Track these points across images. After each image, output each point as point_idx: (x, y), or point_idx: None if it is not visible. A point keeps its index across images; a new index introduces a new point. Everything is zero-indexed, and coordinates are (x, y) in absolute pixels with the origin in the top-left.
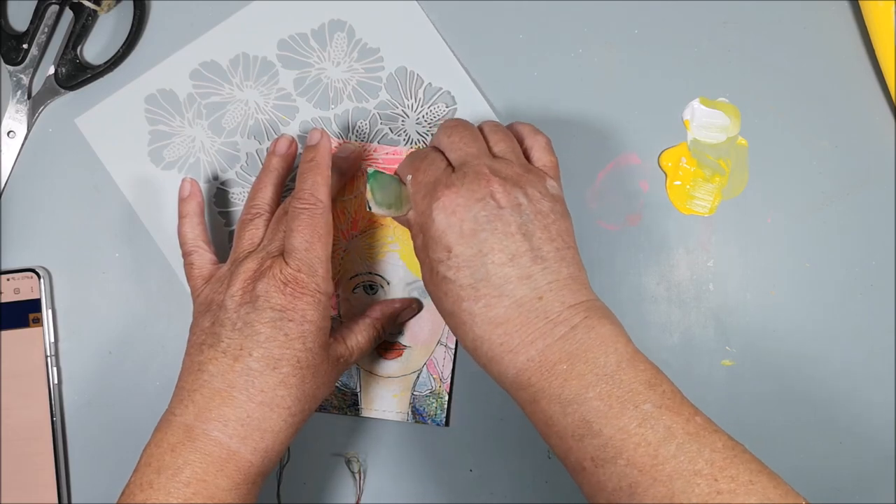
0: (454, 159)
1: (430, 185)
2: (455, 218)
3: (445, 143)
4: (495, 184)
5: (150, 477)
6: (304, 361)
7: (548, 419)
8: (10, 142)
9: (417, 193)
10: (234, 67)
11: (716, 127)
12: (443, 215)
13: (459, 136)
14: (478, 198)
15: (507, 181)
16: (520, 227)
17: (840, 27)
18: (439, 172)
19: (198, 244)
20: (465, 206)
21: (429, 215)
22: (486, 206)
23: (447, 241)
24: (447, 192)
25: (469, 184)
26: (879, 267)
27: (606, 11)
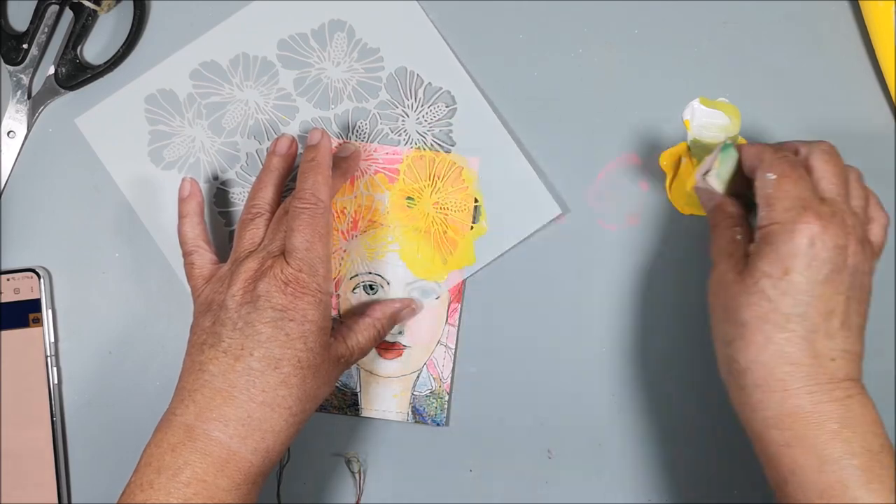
0: (824, 189)
1: (800, 202)
2: (813, 250)
3: (820, 168)
4: (853, 241)
5: (150, 477)
6: (305, 361)
7: (797, 468)
8: (10, 142)
9: (780, 199)
10: (234, 67)
11: (716, 127)
12: (806, 240)
13: (836, 169)
14: (837, 245)
15: (859, 245)
16: (847, 289)
17: (840, 27)
18: (810, 195)
19: (198, 244)
20: (825, 246)
21: (789, 230)
22: (838, 256)
23: (790, 263)
24: (819, 221)
25: (837, 227)
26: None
27: (606, 11)
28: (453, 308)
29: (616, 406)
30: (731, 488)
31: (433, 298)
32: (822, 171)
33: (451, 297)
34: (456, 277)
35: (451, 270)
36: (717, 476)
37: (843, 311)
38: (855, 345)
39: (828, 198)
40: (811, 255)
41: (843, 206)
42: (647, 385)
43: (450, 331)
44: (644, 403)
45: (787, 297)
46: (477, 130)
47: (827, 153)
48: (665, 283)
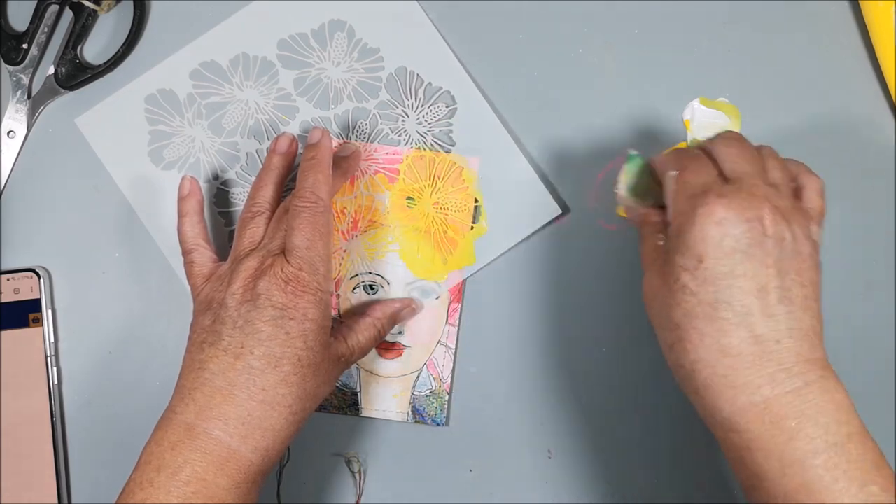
0: (729, 170)
1: (698, 188)
2: (718, 230)
3: (723, 152)
4: (767, 209)
5: (150, 475)
6: (305, 360)
7: (760, 473)
8: (10, 142)
9: (682, 193)
10: (234, 67)
11: (716, 127)
12: (707, 222)
13: (739, 149)
14: (747, 217)
15: (779, 211)
16: (776, 261)
17: (840, 27)
18: (711, 178)
19: (198, 242)
20: (733, 222)
21: (691, 218)
22: (753, 228)
23: (701, 250)
24: (718, 202)
25: (742, 200)
26: (879, 267)
27: (606, 11)
28: (453, 308)
29: (616, 406)
30: (731, 488)
31: (433, 298)
32: (723, 154)
33: (451, 297)
34: (456, 277)
35: (451, 270)
36: (718, 476)
37: (778, 286)
38: (803, 319)
39: (733, 178)
40: (719, 235)
41: (751, 181)
42: (646, 385)
43: (450, 331)
44: (644, 403)
45: (708, 284)
46: (477, 130)
47: (727, 138)
48: None
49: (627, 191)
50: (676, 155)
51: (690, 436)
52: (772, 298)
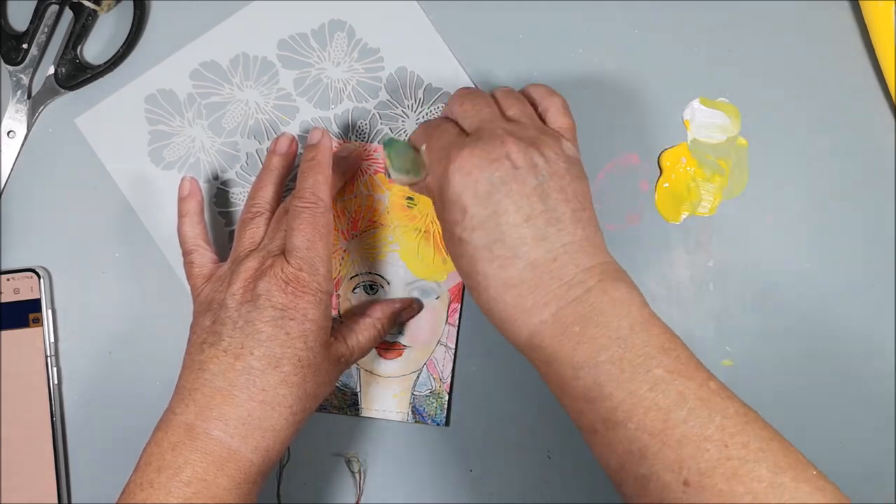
0: (468, 126)
1: (444, 150)
2: (470, 179)
3: (458, 112)
4: (511, 144)
5: (150, 476)
6: (306, 360)
7: (560, 381)
8: (10, 142)
9: (434, 160)
10: (234, 67)
11: (716, 127)
12: (458, 176)
13: (472, 103)
14: (493, 158)
15: (523, 141)
16: (535, 188)
17: (840, 27)
18: (453, 137)
19: (198, 243)
20: (480, 167)
21: (445, 177)
22: (502, 166)
23: (462, 202)
24: (462, 153)
25: (484, 144)
26: (879, 267)
27: (606, 11)
28: (453, 308)
29: None
30: None
31: (433, 298)
32: (460, 112)
33: (451, 297)
34: (456, 277)
35: (451, 270)
36: None
37: (543, 210)
38: (574, 232)
39: (472, 129)
40: (472, 183)
41: (489, 125)
42: None
43: (450, 331)
44: None
45: (477, 230)
46: None
47: (458, 96)
48: (665, 283)
49: (397, 171)
50: (422, 127)
51: None
52: (539, 223)
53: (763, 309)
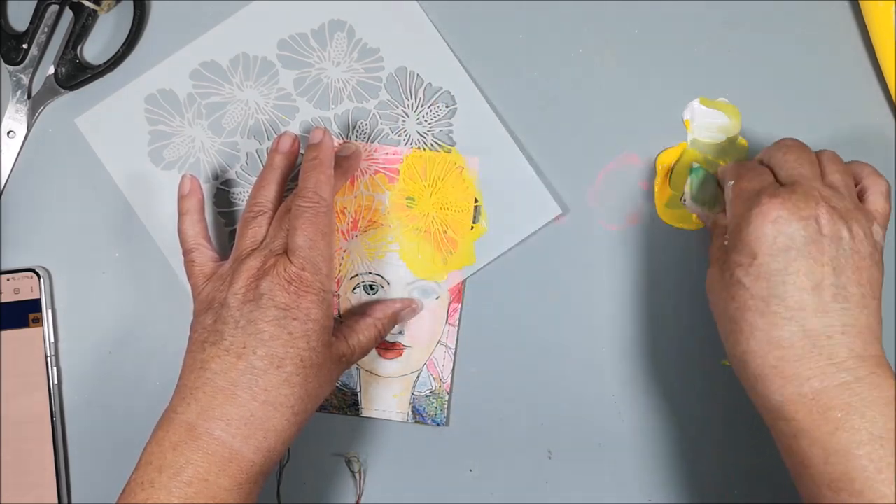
0: (784, 175)
1: (754, 193)
2: (772, 227)
3: (778, 159)
4: (823, 208)
5: (151, 475)
6: (308, 360)
7: (805, 460)
8: (10, 142)
9: (738, 198)
10: (234, 67)
11: (716, 127)
12: (760, 220)
13: (796, 155)
14: (802, 216)
15: (836, 211)
16: (832, 259)
17: (840, 27)
18: (766, 183)
19: (199, 241)
20: (786, 220)
21: (746, 218)
22: (808, 227)
23: (755, 247)
24: (772, 201)
25: (797, 200)
26: None
27: (606, 11)
28: (453, 308)
29: (616, 406)
30: (730, 488)
31: (433, 298)
32: (780, 161)
33: (451, 297)
34: (456, 277)
35: (451, 270)
36: (717, 476)
37: (833, 283)
38: (858, 317)
39: (789, 182)
40: (774, 233)
41: (808, 182)
42: (647, 385)
43: (450, 331)
44: (644, 403)
45: (761, 280)
46: (477, 130)
47: (785, 146)
48: (665, 284)
49: (692, 200)
50: (735, 165)
51: (692, 436)
52: (826, 295)
53: None
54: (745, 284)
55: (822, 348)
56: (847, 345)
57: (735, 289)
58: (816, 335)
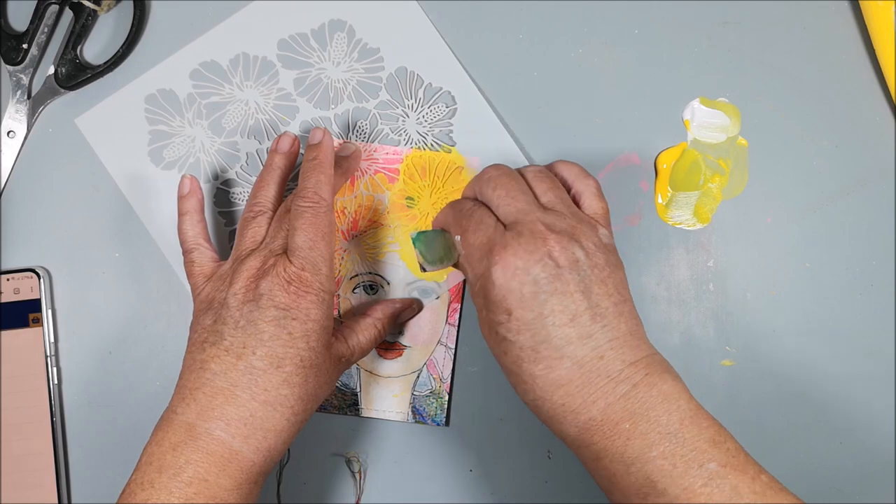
0: (503, 215)
1: (484, 247)
2: (515, 282)
3: (490, 197)
4: (552, 241)
5: (151, 476)
6: (308, 360)
7: (611, 476)
8: (10, 142)
9: (472, 255)
10: (234, 67)
11: (716, 127)
12: (502, 279)
13: (505, 189)
14: (536, 259)
15: (563, 236)
16: (578, 284)
17: (840, 27)
18: (491, 231)
19: (198, 242)
20: (525, 269)
21: (489, 278)
22: (546, 266)
23: (507, 304)
24: (504, 254)
25: (525, 244)
26: (879, 267)
27: (606, 11)
28: (453, 308)
29: None
30: None
31: (433, 298)
32: (492, 199)
33: (451, 297)
34: (456, 277)
35: (452, 270)
36: None
37: (587, 307)
38: (619, 327)
39: (510, 221)
40: (516, 286)
41: (529, 217)
42: None
43: (450, 331)
44: None
45: (524, 331)
46: (477, 130)
47: (490, 180)
48: (665, 283)
49: (430, 263)
50: (454, 215)
51: None
52: (584, 320)
53: (763, 309)
54: (511, 339)
55: (598, 370)
56: (618, 357)
57: (504, 345)
58: (589, 361)
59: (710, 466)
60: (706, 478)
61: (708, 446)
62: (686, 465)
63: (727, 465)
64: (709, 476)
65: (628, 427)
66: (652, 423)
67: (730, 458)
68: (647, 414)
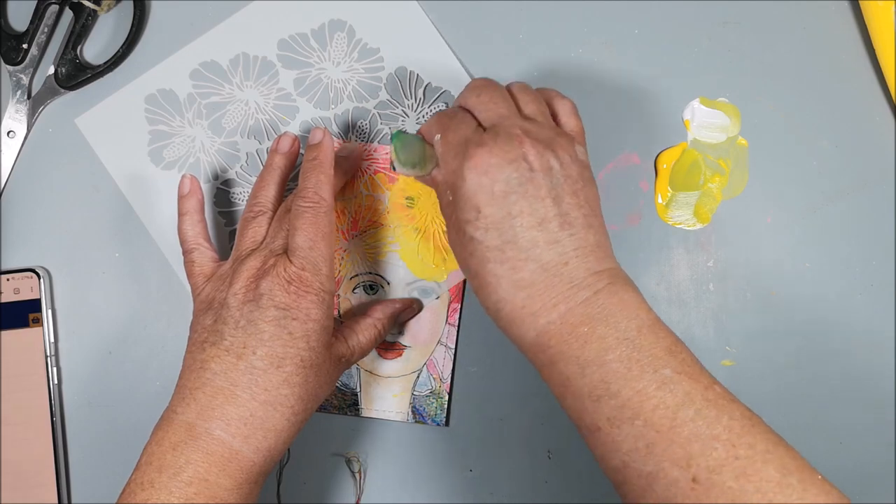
0: (484, 119)
1: (461, 145)
2: (487, 178)
3: (474, 103)
4: (528, 145)
5: (151, 476)
6: (308, 360)
7: (565, 380)
8: (10, 142)
9: (448, 153)
10: (234, 67)
11: (716, 127)
12: (474, 175)
13: (489, 95)
14: (510, 159)
15: (540, 143)
16: (550, 191)
17: (840, 27)
18: (470, 132)
19: (198, 242)
20: (498, 167)
21: (460, 174)
22: (519, 167)
23: (477, 201)
24: (479, 152)
25: (502, 144)
26: (879, 267)
27: (606, 11)
28: (453, 308)
29: None
30: None
31: (433, 298)
32: (476, 104)
33: (451, 297)
34: (456, 277)
35: (451, 270)
36: None
37: (557, 213)
38: (586, 237)
39: (489, 124)
40: (489, 183)
41: (508, 122)
42: None
43: (450, 331)
44: None
45: (491, 230)
46: None
47: (476, 87)
48: (665, 283)
49: (401, 164)
50: (437, 117)
51: None
52: (553, 226)
53: (763, 309)
54: (478, 238)
55: (562, 276)
56: (582, 266)
57: (470, 245)
58: (553, 265)
59: (664, 372)
60: (659, 382)
61: (664, 353)
62: (641, 370)
63: (682, 373)
64: (662, 380)
65: (586, 331)
66: (610, 327)
67: (685, 366)
68: (606, 319)
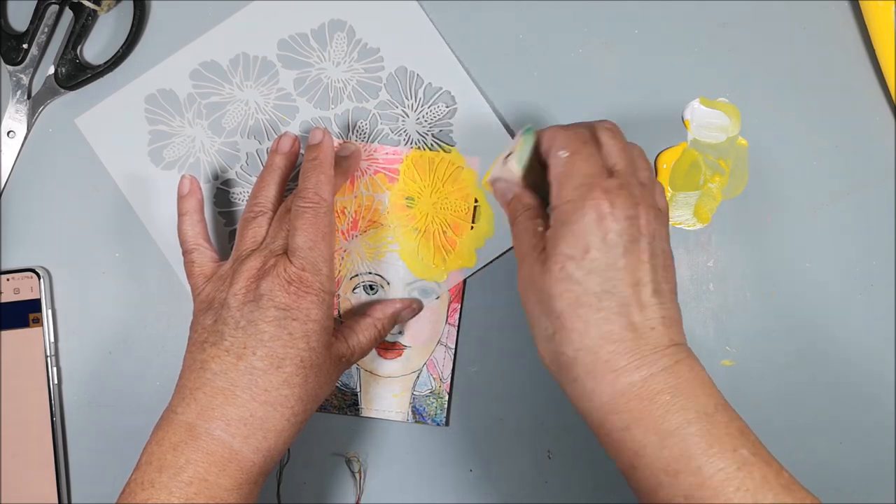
0: (611, 164)
1: (587, 178)
2: (604, 224)
3: (607, 142)
4: (642, 210)
5: (151, 476)
6: (308, 361)
7: (640, 449)
8: (10, 142)
9: (569, 178)
10: (234, 67)
11: (716, 127)
12: (595, 215)
13: (622, 144)
14: (628, 216)
15: (651, 211)
16: (650, 258)
17: (840, 27)
18: (597, 169)
19: (198, 242)
20: (615, 219)
21: (579, 207)
22: (632, 226)
23: (588, 241)
24: (606, 197)
25: (625, 198)
26: (879, 267)
27: (606, 11)
28: (453, 308)
29: None
30: None
31: (433, 298)
32: (609, 146)
33: (451, 297)
34: (456, 277)
35: (451, 270)
36: None
37: (651, 279)
38: (671, 310)
39: (616, 171)
40: (605, 229)
41: (630, 178)
42: None
43: (450, 331)
44: None
45: (594, 275)
46: (477, 130)
47: (611, 130)
48: None
49: (519, 163)
50: (566, 135)
51: None
52: (646, 291)
53: (763, 309)
54: (578, 279)
55: (648, 339)
56: (667, 334)
57: (566, 283)
58: (642, 328)
59: (742, 452)
60: (740, 462)
61: (739, 434)
62: (721, 447)
63: (756, 455)
64: (742, 461)
65: (668, 400)
66: (691, 400)
67: (758, 449)
68: (688, 391)
